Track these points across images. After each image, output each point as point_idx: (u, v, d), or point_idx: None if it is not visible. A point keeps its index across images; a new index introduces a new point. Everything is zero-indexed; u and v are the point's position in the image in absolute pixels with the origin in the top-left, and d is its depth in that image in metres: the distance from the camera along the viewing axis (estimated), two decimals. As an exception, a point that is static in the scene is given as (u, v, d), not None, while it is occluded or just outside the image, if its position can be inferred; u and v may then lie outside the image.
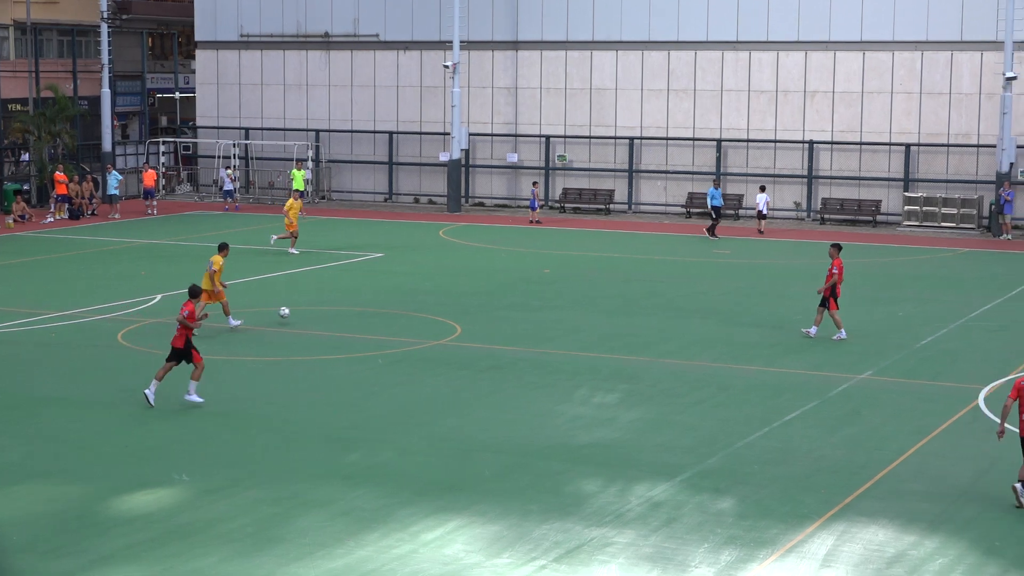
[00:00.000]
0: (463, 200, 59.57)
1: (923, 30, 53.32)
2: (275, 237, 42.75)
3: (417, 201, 61.55)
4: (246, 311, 31.15)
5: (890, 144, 54.18)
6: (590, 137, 58.85)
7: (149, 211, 54.60)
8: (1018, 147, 51.36)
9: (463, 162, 59.38)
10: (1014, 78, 50.15)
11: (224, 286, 28.99)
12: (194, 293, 23.82)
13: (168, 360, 22.74)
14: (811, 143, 55.15)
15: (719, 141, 56.58)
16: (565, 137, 59.28)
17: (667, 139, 57.62)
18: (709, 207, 50.42)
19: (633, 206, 58.36)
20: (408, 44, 61.29)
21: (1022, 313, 32.58)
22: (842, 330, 29.08)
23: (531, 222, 53.36)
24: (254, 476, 18.53)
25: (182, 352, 22.59)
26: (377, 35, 61.76)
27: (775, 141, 55.89)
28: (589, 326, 30.31)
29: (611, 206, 58.23)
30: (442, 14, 59.66)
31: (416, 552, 15.60)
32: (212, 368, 25.54)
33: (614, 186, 58.70)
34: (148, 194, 55.01)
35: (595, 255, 43.38)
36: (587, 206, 58.52)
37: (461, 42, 57.66)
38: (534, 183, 56.07)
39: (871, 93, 54.34)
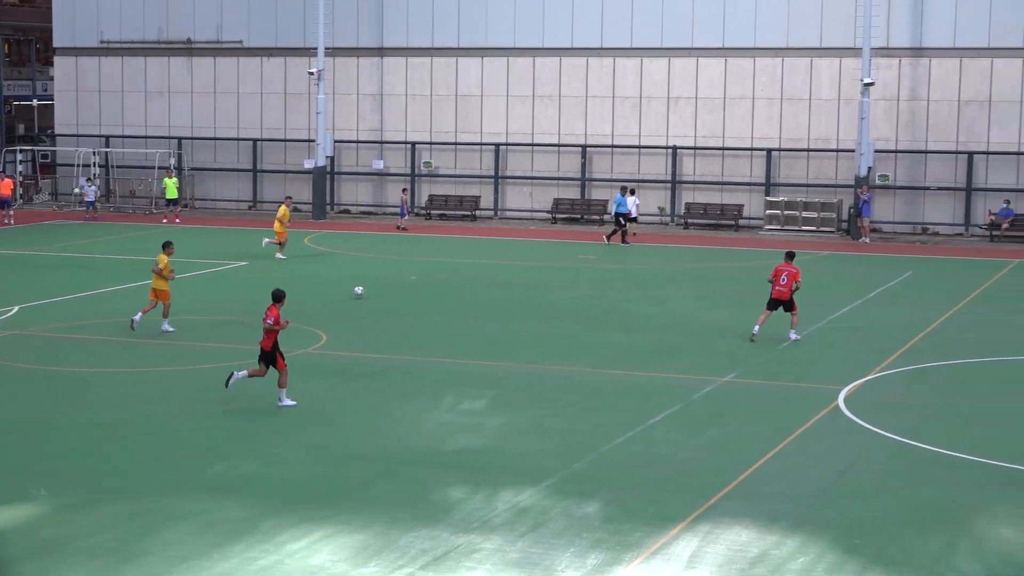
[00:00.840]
0: (329, 207, 59.26)
1: (783, 37, 54.24)
2: (267, 240, 44.04)
3: (283, 209, 61.08)
4: (109, 321, 30.65)
5: (752, 149, 55.01)
6: (456, 144, 58.92)
7: (6, 221, 53.46)
8: (876, 151, 52.50)
9: (328, 169, 59.08)
10: (871, 84, 51.25)
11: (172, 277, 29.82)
12: (277, 297, 23.52)
13: (260, 361, 23.08)
14: (675, 148, 55.78)
15: (584, 147, 56.99)
16: (431, 144, 59.28)
17: (533, 145, 57.90)
18: (614, 214, 50.15)
19: (499, 212, 58.54)
20: (272, 51, 60.81)
21: (880, 315, 33.28)
22: (760, 325, 29.67)
23: (398, 228, 53.27)
24: (116, 489, 18.23)
25: (268, 355, 22.90)
26: (240, 41, 61.19)
27: (639, 147, 56.45)
28: (457, 332, 30.32)
29: (477, 212, 58.33)
30: (306, 21, 59.29)
31: (281, 563, 15.47)
32: (79, 381, 25.10)
33: (480, 192, 58.83)
34: (4, 203, 53.85)
35: (462, 261, 43.41)
36: (453, 212, 58.57)
37: (326, 49, 57.38)
38: (403, 190, 55.97)
39: (733, 99, 55.13)
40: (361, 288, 34.57)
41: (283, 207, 44.05)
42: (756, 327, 29.67)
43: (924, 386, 25.38)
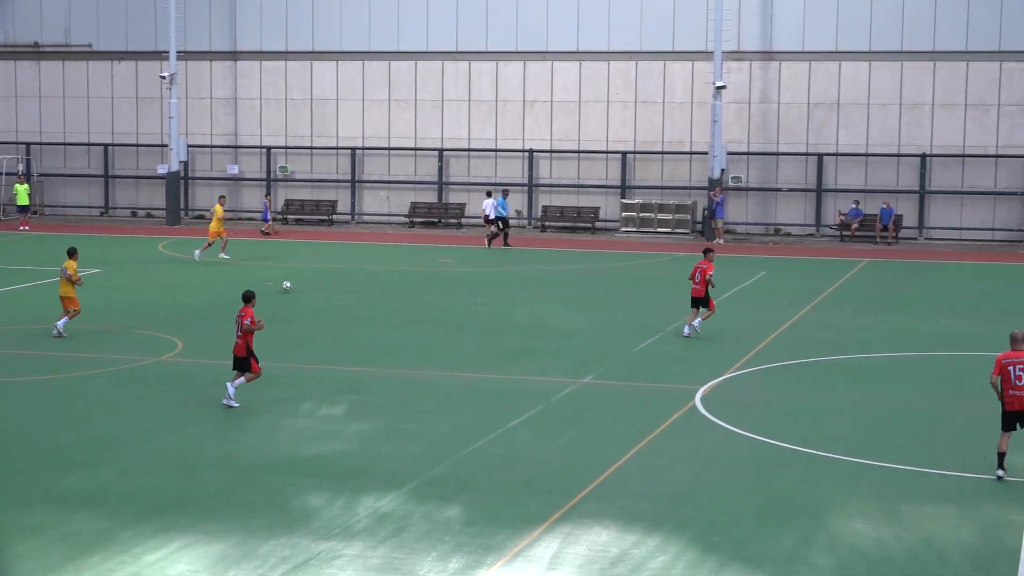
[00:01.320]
0: (183, 213, 58.47)
1: (637, 41, 54.80)
2: (203, 252, 43.99)
3: (135, 215, 60.17)
4: (-46, 332, 29.91)
5: (607, 152, 55.51)
6: (312, 148, 58.56)
7: None
8: (729, 154, 53.31)
9: (182, 175, 58.28)
10: (723, 87, 52.02)
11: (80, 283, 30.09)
12: (248, 298, 23.56)
13: (235, 368, 23.19)
14: (531, 152, 56.05)
15: (441, 151, 57.01)
16: (287, 148, 58.84)
17: (389, 149, 57.78)
18: (493, 217, 49.98)
19: (356, 216, 58.31)
20: (123, 54, 59.83)
21: (734, 315, 33.76)
22: (690, 325, 30.21)
23: (263, 233, 52.81)
24: (-36, 504, 17.76)
25: (242, 360, 23.02)
26: (90, 45, 60.12)
27: (496, 150, 56.63)
28: (315, 338, 30.10)
29: (334, 217, 58.02)
30: (157, 24, 58.46)
31: (139, 574, 15.20)
32: (-83, 393, 24.42)
33: (337, 197, 58.54)
34: None
35: (319, 266, 43.14)
36: (310, 217, 58.19)
37: (178, 52, 56.62)
38: (267, 195, 55.46)
39: (588, 102, 55.57)
40: (288, 283, 36.72)
41: (219, 206, 44.42)
42: (686, 328, 30.21)
43: (778, 384, 25.81)
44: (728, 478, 19.07)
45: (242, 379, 23.25)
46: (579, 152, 56.01)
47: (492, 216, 50.52)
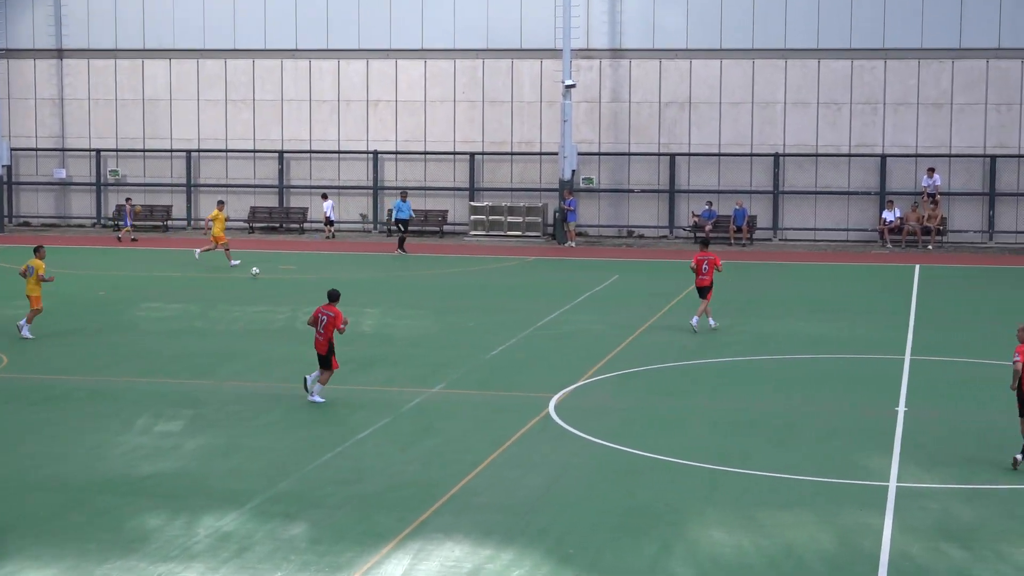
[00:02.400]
0: (6, 220, 57.16)
1: (483, 38, 54.93)
2: (200, 251, 44.64)
3: (-46, 222, 58.69)
4: None
5: (455, 153, 55.55)
6: (144, 151, 57.71)
7: None
8: (579, 154, 53.68)
9: (5, 179, 56.97)
10: (573, 86, 52.35)
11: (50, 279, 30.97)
12: (336, 296, 24.75)
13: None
14: (375, 153, 55.87)
15: (281, 153, 56.55)
16: (118, 151, 57.89)
17: (227, 151, 57.16)
18: (394, 221, 49.42)
19: (193, 222, 57.55)
20: (-62, 51, 58.33)
21: (587, 320, 33.98)
22: (699, 316, 31.99)
23: (132, 239, 52.24)
24: None
25: (323, 358, 24.23)
26: (-98, 41, 58.50)
27: (339, 152, 56.35)
28: (150, 350, 29.60)
29: (169, 223, 57.21)
30: (-24, 19, 57.10)
31: (-39, 605, 14.77)
32: None
33: (172, 202, 57.75)
34: None
35: (152, 275, 42.47)
36: (143, 223, 57.28)
37: (-1, 50, 55.36)
38: (127, 199, 54.45)
39: (434, 102, 55.57)
40: (257, 269, 39.96)
41: (219, 211, 44.64)
42: (695, 318, 31.81)
43: (633, 390, 26.01)
44: (583, 488, 19.15)
45: (318, 377, 24.35)
46: (426, 153, 55.96)
47: (332, 217, 50.69)
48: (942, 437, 22.29)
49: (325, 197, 54.38)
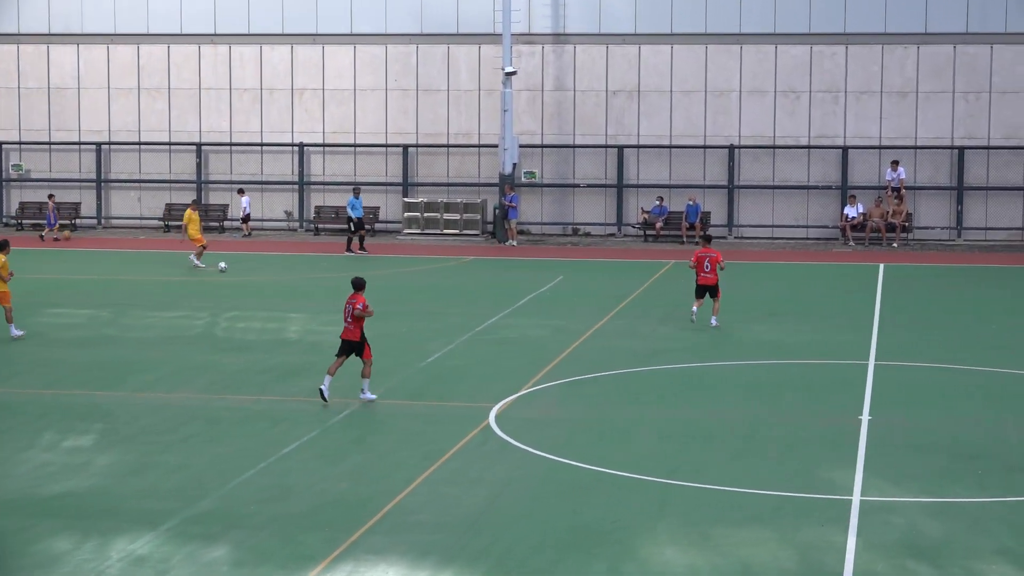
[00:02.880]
0: (-101, 219, 56.64)
1: (417, 22, 54.90)
2: (196, 260, 44.17)
3: None
4: None
5: (387, 146, 55.48)
6: (50, 143, 57.28)
7: None
8: (521, 146, 53.72)
9: (-102, 174, 56.46)
10: (514, 73, 52.41)
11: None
12: (361, 285, 25.83)
13: (339, 355, 25.30)
14: (301, 146, 55.71)
15: (199, 145, 56.27)
16: (21, 144, 57.45)
17: (140, 144, 56.82)
18: (350, 218, 48.90)
19: (103, 220, 57.18)
20: None
21: (530, 324, 34.01)
22: (696, 311, 33.47)
23: (55, 239, 51.81)
24: None
25: (355, 345, 25.12)
26: None
27: (262, 144, 56.15)
28: (56, 359, 29.37)
29: (78, 221, 56.81)
30: None
31: None
32: None
33: (81, 198, 57.34)
34: None
35: (57, 277, 42.15)
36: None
37: None
38: (50, 196, 53.99)
39: (364, 91, 55.48)
40: (224, 264, 40.59)
41: (193, 212, 44.82)
42: (694, 309, 33.29)
43: (579, 400, 26.04)
44: (526, 504, 19.15)
45: (328, 378, 25.05)
46: (355, 146, 55.85)
47: (250, 213, 50.83)
48: (909, 447, 22.44)
49: (242, 192, 54.28)
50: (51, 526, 18.10)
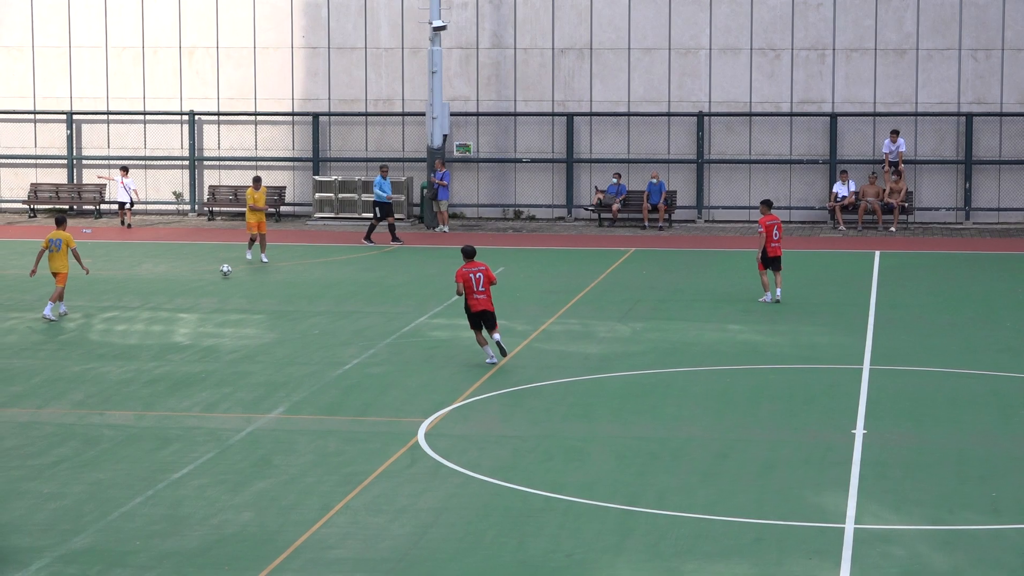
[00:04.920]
0: None
1: (328, -33, 54.82)
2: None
3: None
4: None
5: (293, 115, 55.41)
6: None
7: None
8: (453, 115, 53.72)
9: None
10: (443, 28, 52.39)
11: None
12: (472, 252, 30.01)
13: (476, 328, 29.56)
14: (192, 115, 55.54)
15: (70, 115, 56.00)
16: None
17: (-1, 113, 56.53)
18: (375, 203, 48.37)
19: (-44, 204, 56.86)
20: None
21: (465, 325, 34.04)
22: (768, 293, 36.53)
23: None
24: None
25: (491, 315, 29.49)
26: None
27: (144, 113, 55.92)
28: (-99, 370, 29.24)
29: (-75, 205, 56.42)
30: None
31: None
32: None
33: (-72, 178, 56.96)
34: None
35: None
36: None
37: None
38: None
39: (266, 49, 55.38)
40: (228, 266, 40.82)
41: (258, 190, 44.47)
42: (768, 295, 36.50)
43: (523, 413, 26.11)
44: (464, 534, 19.22)
45: (489, 349, 29.49)
46: (256, 115, 55.71)
47: (126, 199, 50.66)
48: (910, 466, 22.65)
49: (125, 171, 53.68)
50: (-102, 567, 18.06)
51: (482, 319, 29.42)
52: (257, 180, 45.15)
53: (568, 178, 54.63)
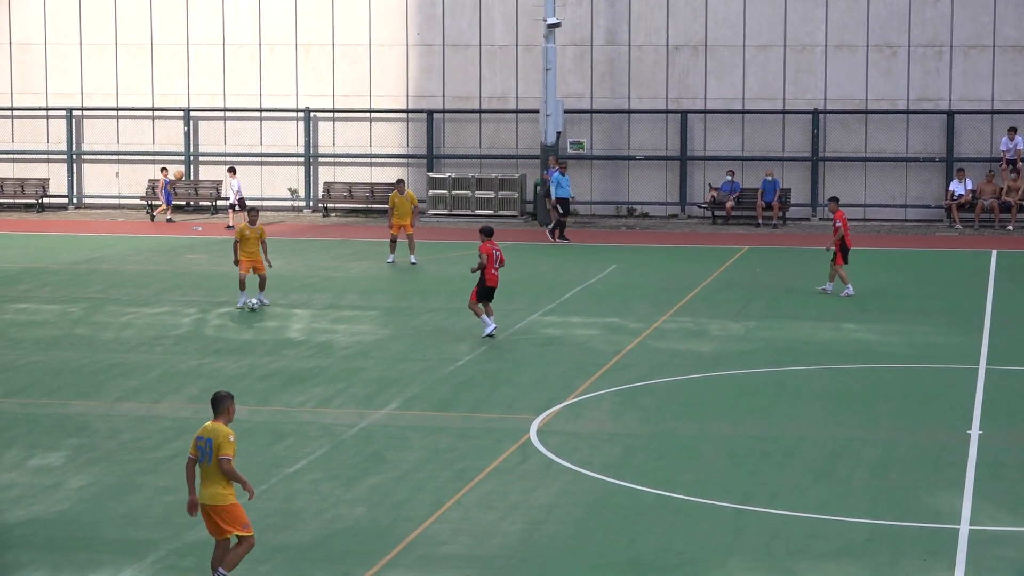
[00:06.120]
0: None
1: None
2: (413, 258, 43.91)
3: None
4: None
5: (407, 111, 55.57)
6: (12, 109, 57.60)
7: None
8: (566, 112, 53.66)
9: None
10: (557, 25, 52.36)
11: None
12: (490, 232, 32.51)
13: (486, 301, 31.54)
14: (308, 112, 55.84)
15: (187, 111, 56.46)
16: (-22, 110, 57.74)
17: (118, 110, 57.06)
18: (554, 199, 49.00)
19: (76, 200, 57.46)
20: None
21: (578, 322, 34.03)
22: (848, 286, 37.12)
23: (168, 221, 52.10)
24: None
25: (493, 291, 31.64)
26: None
27: (261, 111, 56.28)
28: (18, 363, 29.57)
29: (45, 200, 57.09)
30: None
31: None
32: None
33: (49, 174, 57.62)
34: None
35: (23, 267, 42.39)
36: (12, 201, 57.16)
37: None
38: (163, 169, 54.27)
39: (381, 46, 55.57)
40: (256, 300, 35.76)
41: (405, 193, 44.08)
42: (848, 287, 37.09)
43: (635, 411, 26.06)
44: (574, 532, 19.20)
45: (489, 321, 31.46)
46: (371, 111, 55.93)
47: (233, 201, 50.74)
48: (1026, 467, 22.44)
49: (233, 172, 53.46)
50: (15, 558, 18.23)
51: (491, 294, 31.72)
52: (400, 183, 44.78)
53: (682, 175, 54.47)
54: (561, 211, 48.85)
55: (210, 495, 16.52)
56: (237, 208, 51.21)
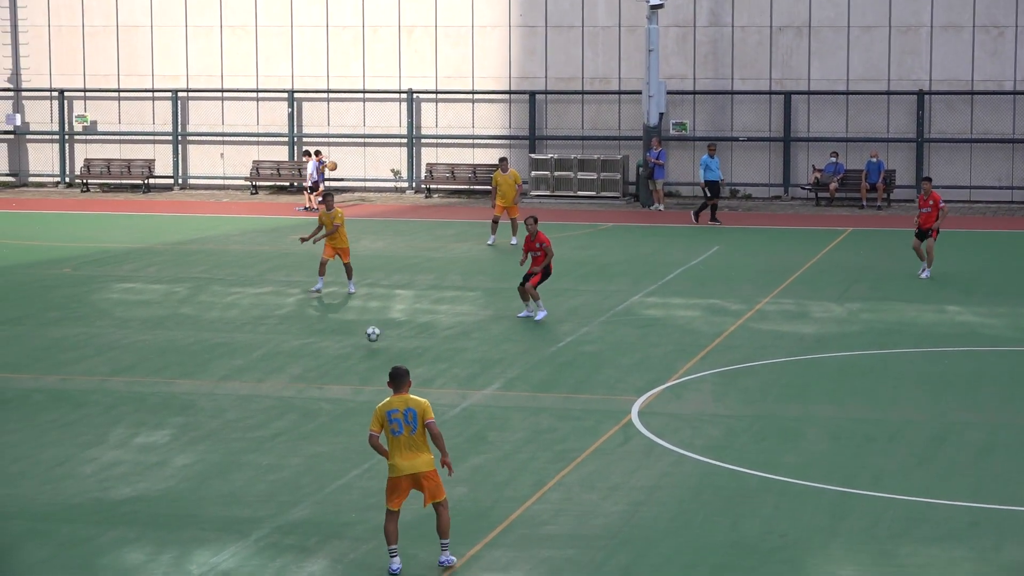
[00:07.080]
0: (-53, 179, 57.78)
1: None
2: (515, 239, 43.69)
3: None
4: None
5: (510, 93, 55.56)
6: (120, 91, 58.09)
7: None
8: (669, 93, 53.50)
9: (-54, 127, 57.59)
10: (660, 6, 52.20)
11: None
12: (535, 221, 32.22)
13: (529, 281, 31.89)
14: (411, 93, 55.96)
15: (291, 93, 56.76)
16: (86, 91, 58.31)
17: (223, 92, 57.42)
18: (703, 182, 48.84)
19: (181, 180, 57.89)
20: None
21: (679, 304, 33.94)
22: (927, 269, 37.07)
23: (306, 208, 51.24)
24: None
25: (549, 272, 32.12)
26: None
27: (364, 92, 56.48)
28: (126, 342, 29.82)
29: (151, 181, 57.58)
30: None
31: None
32: None
33: (155, 155, 58.10)
34: None
35: (127, 247, 42.74)
36: (119, 182, 57.68)
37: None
38: (316, 152, 54.52)
39: (484, 28, 55.59)
40: (375, 330, 29.34)
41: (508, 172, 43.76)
42: (925, 271, 37.06)
43: (737, 393, 25.97)
44: (675, 514, 19.16)
45: (540, 308, 31.82)
46: (474, 93, 55.97)
47: (315, 179, 50.49)
48: None
49: (308, 156, 52.39)
50: (122, 535, 18.40)
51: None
52: (503, 161, 44.53)
53: (785, 157, 54.17)
54: (710, 194, 48.41)
55: (425, 462, 17.14)
56: (312, 190, 50.59)
